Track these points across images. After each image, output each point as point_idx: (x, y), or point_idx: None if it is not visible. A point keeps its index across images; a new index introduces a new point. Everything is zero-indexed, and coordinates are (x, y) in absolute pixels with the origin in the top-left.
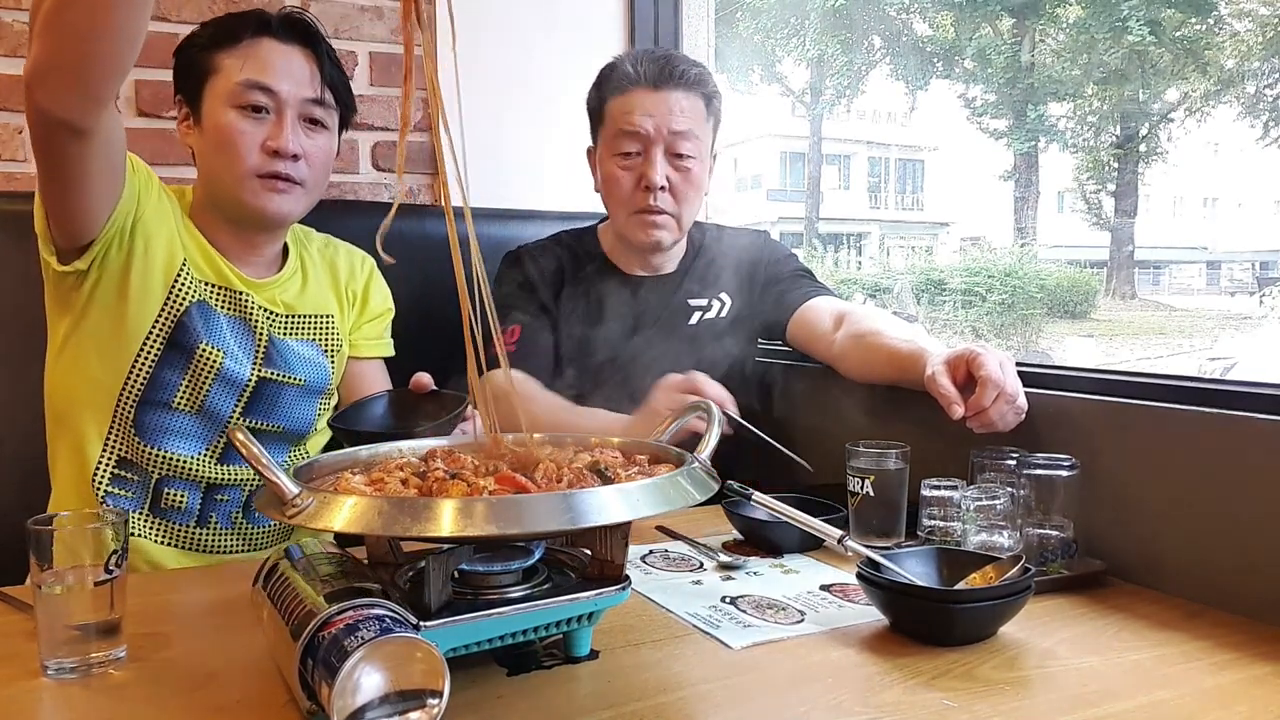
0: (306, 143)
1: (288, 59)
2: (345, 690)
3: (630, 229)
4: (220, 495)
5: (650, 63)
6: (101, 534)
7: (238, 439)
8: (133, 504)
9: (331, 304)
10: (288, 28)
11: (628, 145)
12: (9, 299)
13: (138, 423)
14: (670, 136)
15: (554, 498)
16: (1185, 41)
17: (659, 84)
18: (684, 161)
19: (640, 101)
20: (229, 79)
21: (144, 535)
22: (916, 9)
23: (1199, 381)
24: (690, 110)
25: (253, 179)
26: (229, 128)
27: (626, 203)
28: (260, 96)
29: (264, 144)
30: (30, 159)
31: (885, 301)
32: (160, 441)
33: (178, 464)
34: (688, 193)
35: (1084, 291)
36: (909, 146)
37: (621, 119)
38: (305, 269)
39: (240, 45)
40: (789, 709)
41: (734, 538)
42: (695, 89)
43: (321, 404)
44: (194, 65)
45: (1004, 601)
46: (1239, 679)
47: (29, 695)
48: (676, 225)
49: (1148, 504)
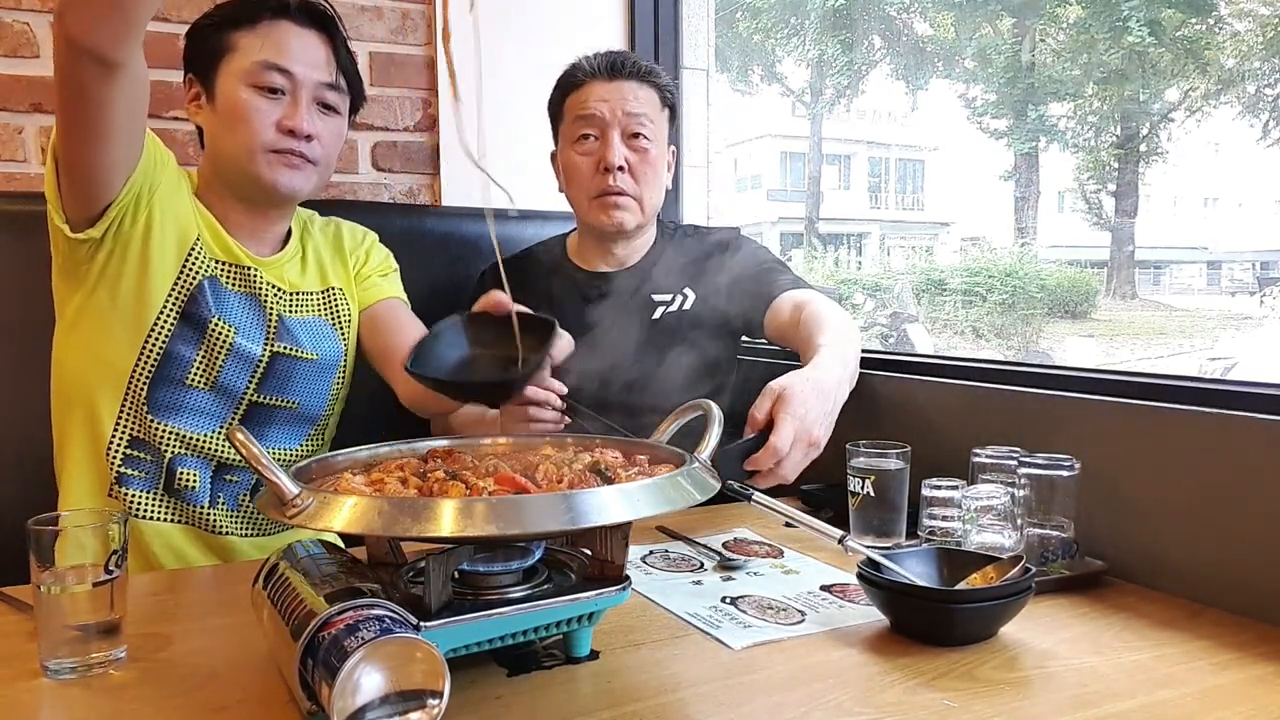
0: (319, 124)
1: (304, 42)
2: (345, 690)
3: (593, 214)
4: (230, 476)
5: (603, 58)
6: (102, 534)
7: (238, 439)
8: (147, 484)
9: (339, 273)
10: (305, 11)
11: (585, 129)
12: (9, 299)
13: (151, 399)
14: (625, 118)
15: (554, 498)
16: (1185, 41)
17: (612, 74)
18: (640, 142)
19: (595, 90)
20: (246, 58)
21: (158, 516)
22: (916, 9)
23: (1199, 381)
24: (644, 98)
25: (266, 153)
26: (245, 104)
27: (587, 187)
28: (277, 78)
29: (279, 122)
30: (30, 159)
31: (885, 301)
32: (174, 418)
33: (191, 441)
34: (646, 173)
35: (1084, 291)
36: (909, 146)
37: (578, 108)
38: (306, 248)
39: (259, 26)
40: (789, 709)
41: (734, 537)
42: (648, 80)
43: (336, 381)
44: (208, 43)
45: (1004, 601)
46: (1240, 679)
47: (29, 695)
48: (639, 208)
49: (1148, 504)
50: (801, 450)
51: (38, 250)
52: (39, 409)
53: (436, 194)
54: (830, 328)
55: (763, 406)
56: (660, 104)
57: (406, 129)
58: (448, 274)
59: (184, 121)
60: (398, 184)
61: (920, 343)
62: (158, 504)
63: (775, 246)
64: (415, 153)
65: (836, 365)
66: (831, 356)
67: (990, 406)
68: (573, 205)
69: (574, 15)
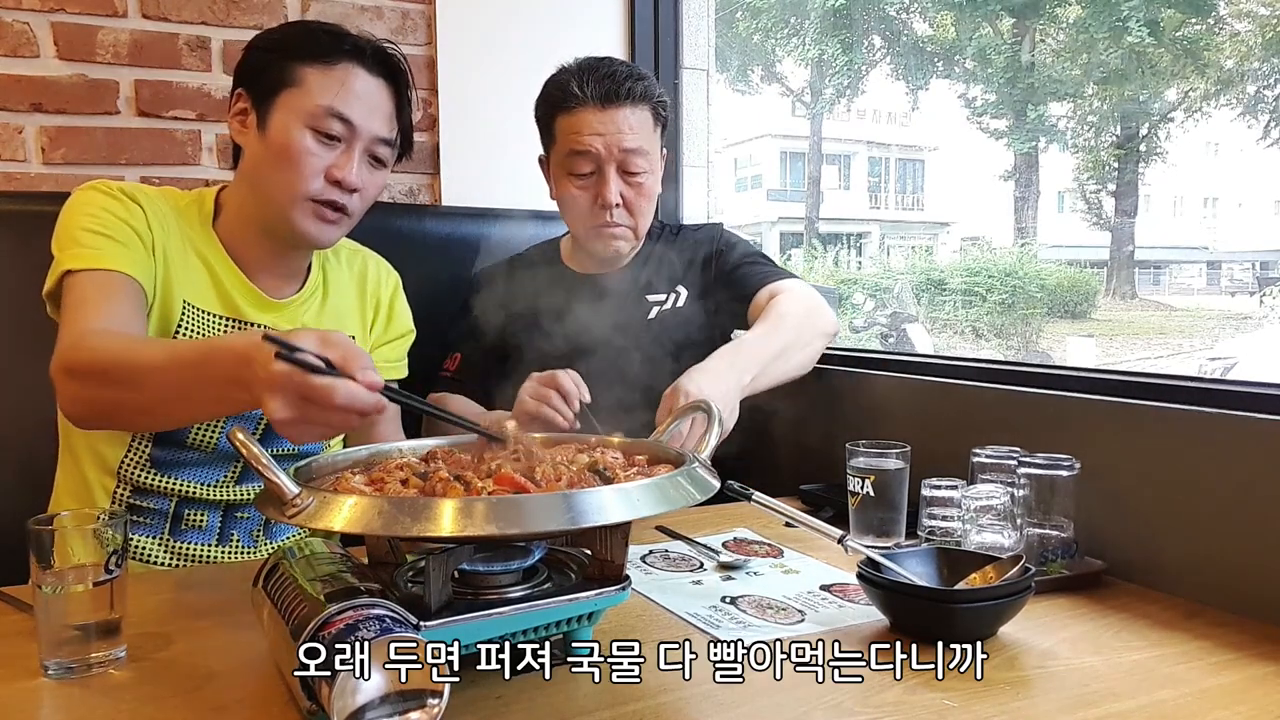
0: (366, 177)
1: (370, 91)
2: (345, 690)
3: (590, 241)
4: (240, 513)
5: (594, 81)
6: (101, 534)
7: (237, 439)
8: (151, 531)
9: (352, 319)
10: (379, 60)
11: (580, 166)
12: (10, 299)
13: (153, 458)
14: (621, 155)
15: (554, 498)
16: (1185, 41)
17: (606, 102)
18: (636, 177)
19: (589, 121)
20: (311, 99)
21: (161, 562)
22: (916, 9)
23: (1199, 381)
24: (639, 125)
25: (307, 202)
26: (298, 146)
27: (584, 219)
28: (338, 126)
29: (328, 171)
30: (31, 159)
31: (885, 301)
32: (177, 473)
33: (196, 492)
34: (641, 204)
35: (1084, 291)
36: (909, 146)
37: (572, 139)
38: (328, 284)
39: (334, 69)
40: (789, 709)
41: (734, 537)
42: (643, 103)
43: None
44: (272, 69)
45: (1004, 601)
46: (1239, 679)
47: (29, 695)
48: (633, 234)
49: (1148, 504)
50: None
51: (38, 250)
52: (41, 409)
53: (436, 194)
54: (762, 322)
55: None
56: (654, 123)
57: None
58: (448, 274)
59: (182, 121)
60: (398, 184)
61: (920, 342)
62: (161, 550)
63: (775, 246)
64: (415, 152)
65: (729, 354)
66: (730, 348)
67: (990, 406)
68: (569, 225)
69: (574, 15)
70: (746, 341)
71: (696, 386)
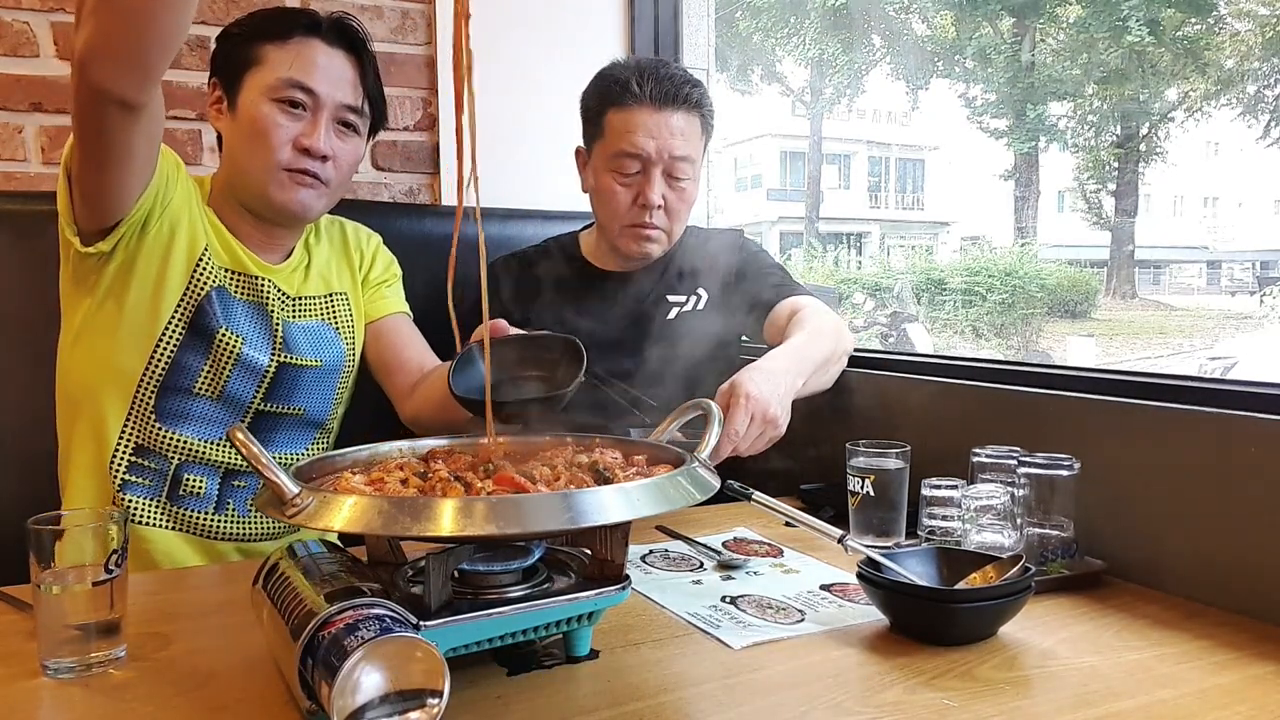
0: (337, 144)
1: (332, 62)
2: (345, 690)
3: (623, 241)
4: (238, 481)
5: (654, 81)
6: (101, 533)
7: (237, 439)
8: (150, 492)
9: (342, 277)
10: (337, 31)
11: (628, 165)
12: (10, 299)
13: (158, 408)
14: (670, 160)
15: (554, 498)
16: (1185, 41)
17: (661, 105)
18: (680, 183)
19: (643, 122)
20: (273, 73)
21: (158, 524)
22: (916, 9)
23: (1199, 381)
24: (689, 132)
25: (280, 172)
26: (264, 119)
27: (621, 217)
28: (300, 95)
29: (296, 140)
30: (30, 159)
31: (885, 301)
32: (180, 427)
33: (197, 450)
34: (680, 210)
35: (1084, 291)
36: (909, 146)
37: (624, 139)
38: (311, 253)
39: (290, 43)
40: (789, 709)
41: (734, 536)
42: (695, 110)
43: (340, 384)
44: (237, 52)
45: (1004, 601)
46: (1239, 678)
47: (29, 695)
48: (667, 239)
49: (1148, 504)
50: (758, 428)
51: (38, 250)
52: (40, 408)
53: (436, 194)
54: (802, 330)
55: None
56: (701, 131)
57: (406, 129)
58: (448, 274)
59: (185, 120)
60: (398, 184)
61: (920, 342)
62: (158, 513)
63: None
64: (415, 152)
65: (785, 357)
66: (785, 350)
67: (990, 406)
68: (600, 221)
69: (574, 15)
70: (797, 346)
71: (756, 386)
